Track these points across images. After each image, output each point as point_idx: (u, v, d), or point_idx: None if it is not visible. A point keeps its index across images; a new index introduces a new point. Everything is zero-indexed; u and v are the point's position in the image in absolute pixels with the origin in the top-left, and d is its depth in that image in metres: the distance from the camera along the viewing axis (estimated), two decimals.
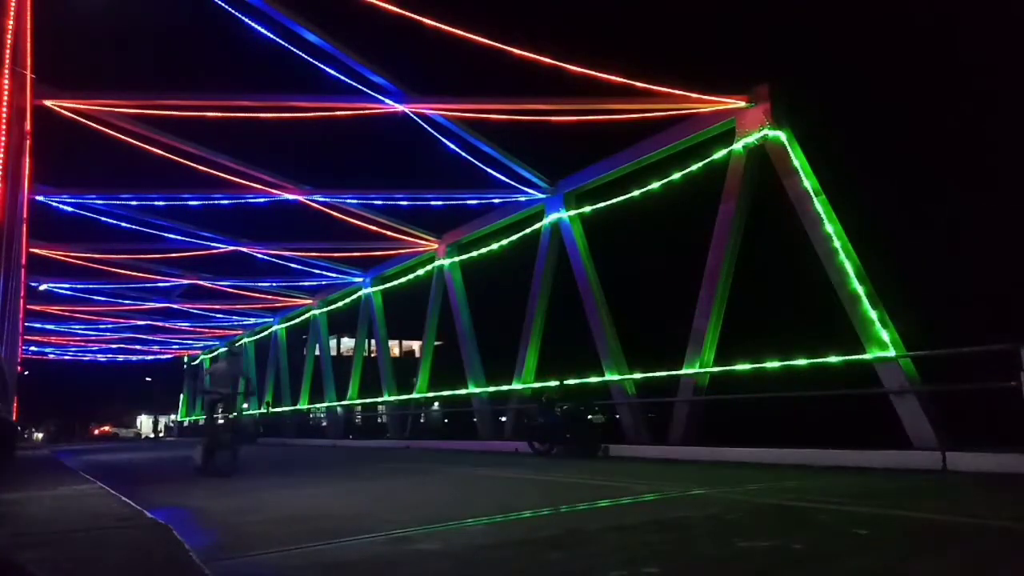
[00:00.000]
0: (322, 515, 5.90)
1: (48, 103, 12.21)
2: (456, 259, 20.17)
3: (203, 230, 19.76)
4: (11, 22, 9.28)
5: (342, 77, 12.38)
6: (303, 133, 15.76)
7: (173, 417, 56.99)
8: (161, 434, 59.90)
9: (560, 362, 16.82)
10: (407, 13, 10.70)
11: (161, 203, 17.49)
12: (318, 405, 29.95)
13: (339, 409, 27.69)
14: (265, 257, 22.23)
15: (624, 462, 11.52)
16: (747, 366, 11.92)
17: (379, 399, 24.34)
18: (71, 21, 13.52)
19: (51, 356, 44.07)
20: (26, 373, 41.95)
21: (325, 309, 28.75)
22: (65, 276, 23.45)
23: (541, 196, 16.70)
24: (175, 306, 29.41)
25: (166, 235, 19.43)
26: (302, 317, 30.85)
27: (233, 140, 15.31)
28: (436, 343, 22.18)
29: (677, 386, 13.06)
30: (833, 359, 10.73)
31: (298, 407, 30.58)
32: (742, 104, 12.34)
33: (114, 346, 41.92)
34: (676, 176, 13.58)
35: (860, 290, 10.60)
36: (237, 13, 11.14)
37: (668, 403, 13.27)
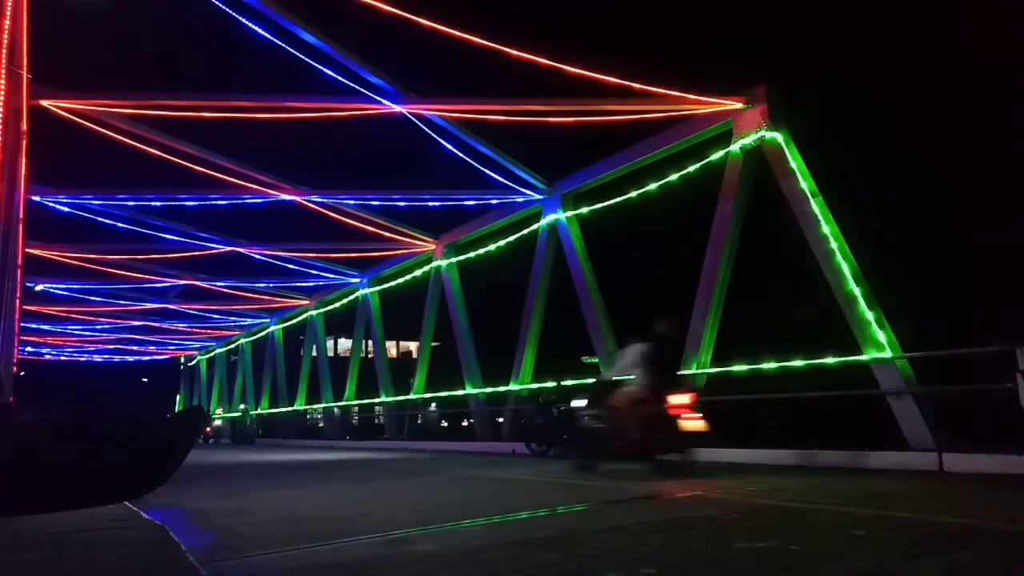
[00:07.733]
0: (319, 516, 5.89)
1: (44, 103, 12.19)
2: (453, 260, 20.16)
3: (200, 231, 19.73)
4: (7, 21, 9.28)
5: (339, 77, 12.36)
6: (300, 134, 15.76)
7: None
8: None
9: (557, 363, 16.81)
10: (403, 13, 10.70)
11: (158, 203, 17.46)
12: (315, 406, 29.90)
13: (336, 410, 27.65)
14: (262, 258, 22.19)
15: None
16: (744, 367, 11.92)
17: (376, 400, 24.32)
18: (67, 21, 13.51)
19: (47, 357, 43.94)
20: (22, 374, 41.81)
21: (322, 310, 28.70)
22: (61, 277, 23.39)
23: (538, 197, 16.69)
24: (172, 307, 29.35)
25: (163, 235, 19.40)
26: (299, 318, 30.80)
27: (230, 141, 15.30)
28: (433, 344, 22.17)
29: None
30: (830, 360, 10.74)
31: (295, 408, 30.53)
32: (739, 105, 12.35)
33: (110, 347, 41.81)
34: (673, 177, 13.58)
35: (857, 291, 10.61)
36: (234, 13, 11.13)
37: None
